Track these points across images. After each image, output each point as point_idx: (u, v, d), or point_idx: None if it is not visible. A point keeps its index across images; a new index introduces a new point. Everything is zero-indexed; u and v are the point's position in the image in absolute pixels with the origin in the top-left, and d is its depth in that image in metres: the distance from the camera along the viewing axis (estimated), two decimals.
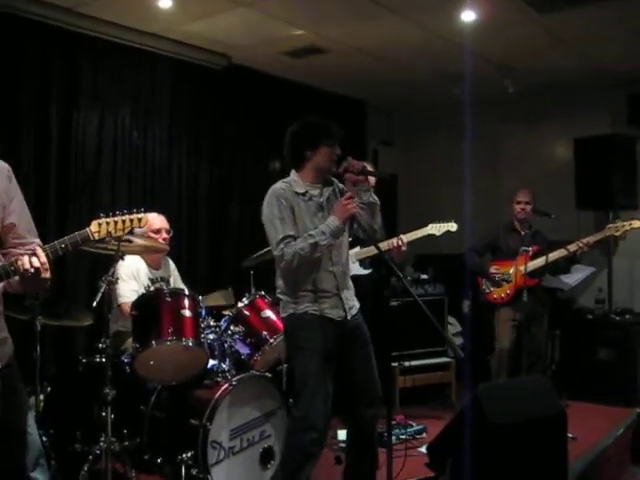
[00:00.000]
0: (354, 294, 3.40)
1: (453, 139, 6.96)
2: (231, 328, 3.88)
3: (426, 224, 4.50)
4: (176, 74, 5.61)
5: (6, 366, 2.31)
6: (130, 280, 3.98)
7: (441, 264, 6.38)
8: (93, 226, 2.28)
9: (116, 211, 2.36)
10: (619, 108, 6.35)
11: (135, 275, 4.03)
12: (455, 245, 5.24)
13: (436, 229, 4.48)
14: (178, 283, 4.29)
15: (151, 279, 4.12)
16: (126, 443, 3.55)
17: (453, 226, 4.50)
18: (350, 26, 5.10)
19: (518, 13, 4.77)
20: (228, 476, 3.49)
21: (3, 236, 2.32)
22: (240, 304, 3.97)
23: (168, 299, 3.64)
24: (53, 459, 3.44)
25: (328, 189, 3.33)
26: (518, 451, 3.30)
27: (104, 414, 3.27)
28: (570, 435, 3.82)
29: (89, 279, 4.81)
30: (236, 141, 6.15)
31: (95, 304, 3.36)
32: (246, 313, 3.95)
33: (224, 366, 3.76)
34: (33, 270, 2.14)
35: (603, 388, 5.53)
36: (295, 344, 3.25)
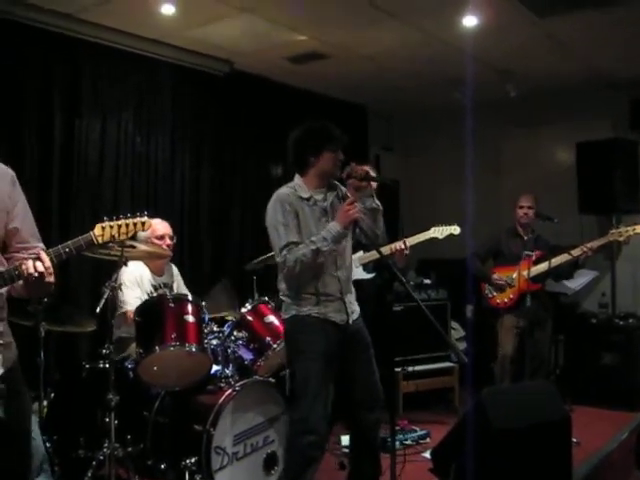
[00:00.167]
0: (356, 298, 3.40)
1: (454, 144, 6.96)
2: (234, 334, 3.89)
3: (428, 228, 4.50)
4: (178, 80, 5.62)
5: (10, 370, 2.31)
6: (133, 287, 3.99)
7: (444, 269, 6.37)
8: (97, 230, 2.28)
9: (119, 215, 2.37)
10: (621, 113, 6.35)
11: (138, 281, 4.04)
12: (458, 250, 5.23)
13: (439, 232, 4.47)
14: (181, 289, 4.28)
15: (154, 285, 4.12)
16: (129, 449, 3.55)
17: (456, 229, 4.48)
18: (352, 32, 5.11)
19: (519, 18, 4.78)
20: None
21: (7, 241, 2.32)
22: (243, 310, 3.98)
23: (171, 305, 3.64)
24: (57, 465, 3.44)
25: (332, 194, 3.33)
26: (522, 456, 3.29)
27: (107, 420, 3.28)
28: (574, 440, 3.81)
29: (92, 285, 4.81)
30: (238, 146, 6.16)
31: (98, 310, 3.36)
32: (249, 319, 3.96)
33: (227, 372, 3.76)
34: (37, 274, 2.15)
35: (607, 392, 5.52)
36: (296, 347, 3.25)
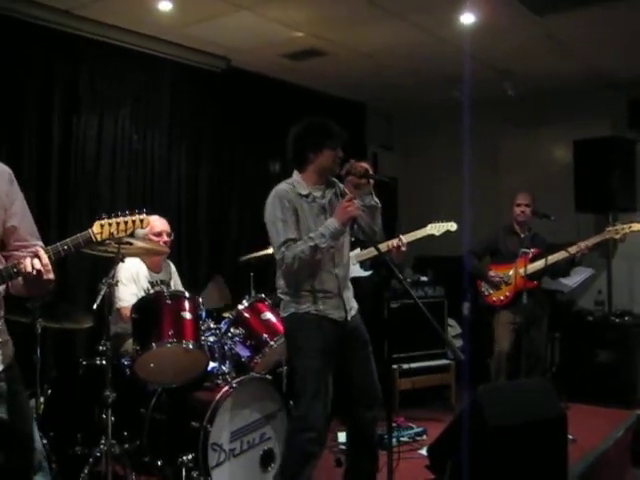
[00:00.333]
0: (353, 295, 3.40)
1: (452, 142, 6.96)
2: (231, 330, 3.88)
3: (425, 225, 4.50)
4: (176, 77, 5.61)
5: (9, 368, 2.31)
6: (130, 283, 3.99)
7: (441, 266, 6.38)
8: (95, 227, 2.28)
9: (117, 213, 2.37)
10: (619, 112, 6.36)
11: (135, 278, 4.04)
12: (455, 247, 5.23)
13: (436, 229, 4.47)
14: (179, 286, 4.28)
15: (151, 282, 4.12)
16: (126, 445, 3.56)
17: (453, 226, 4.49)
18: (350, 29, 5.11)
19: (518, 16, 4.78)
20: (229, 478, 3.48)
21: (5, 239, 2.32)
22: (240, 306, 3.97)
23: (168, 301, 3.64)
24: (53, 462, 3.43)
25: (330, 191, 3.33)
26: (518, 453, 3.30)
27: (104, 416, 3.28)
28: (570, 437, 3.83)
29: (89, 281, 4.81)
30: (236, 143, 6.16)
31: (95, 307, 3.36)
32: (246, 315, 3.95)
33: (224, 368, 3.76)
34: (35, 272, 2.15)
35: (603, 390, 5.54)
36: (295, 344, 3.25)
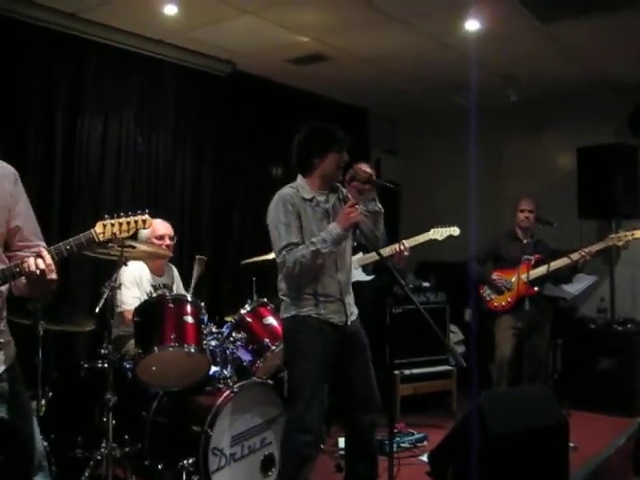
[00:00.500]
0: (355, 301, 3.40)
1: (456, 148, 6.98)
2: (233, 335, 3.89)
3: (428, 230, 4.49)
4: (180, 80, 5.62)
5: (11, 368, 2.32)
6: (132, 287, 3.99)
7: (443, 272, 6.37)
8: (98, 227, 2.29)
9: (119, 213, 2.37)
10: (623, 118, 6.34)
11: (138, 281, 4.04)
12: (457, 253, 5.23)
13: (438, 234, 4.47)
14: (180, 290, 4.29)
15: (153, 285, 4.13)
16: (127, 449, 3.55)
17: (455, 230, 4.48)
18: (354, 34, 5.11)
19: (522, 23, 4.78)
20: None
21: (9, 239, 2.33)
22: (242, 311, 3.97)
23: (171, 305, 3.64)
24: (54, 464, 3.43)
25: (334, 196, 3.34)
26: (519, 460, 3.30)
27: (105, 419, 3.28)
28: (572, 444, 3.82)
29: (91, 284, 4.81)
30: (240, 147, 6.16)
31: (98, 310, 3.36)
32: (248, 320, 3.95)
33: (226, 373, 3.77)
34: (39, 272, 2.15)
35: (605, 397, 5.52)
36: (295, 346, 3.25)
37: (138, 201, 5.26)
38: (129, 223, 2.34)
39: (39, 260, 2.17)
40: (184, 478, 3.43)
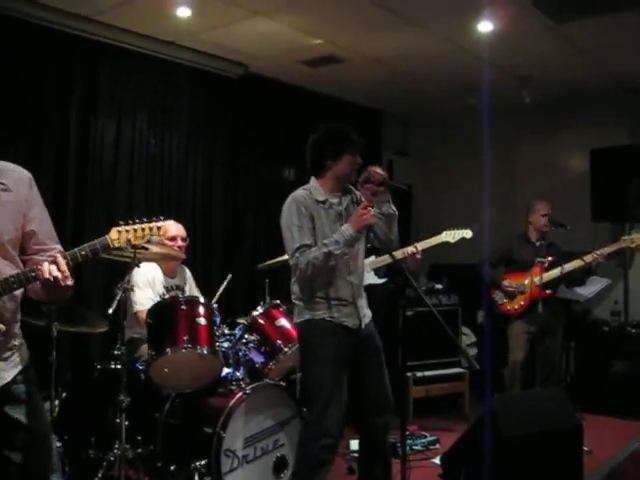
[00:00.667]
0: (367, 304, 3.40)
1: (468, 149, 6.95)
2: (246, 336, 3.89)
3: (440, 232, 4.48)
4: (193, 82, 5.63)
5: (25, 370, 2.33)
6: (146, 288, 4.01)
7: (455, 274, 6.35)
8: (113, 233, 2.29)
9: (133, 218, 2.37)
10: (637, 120, 6.31)
11: (151, 283, 4.06)
12: (470, 255, 5.21)
13: (451, 236, 4.46)
14: (194, 291, 4.30)
15: (166, 287, 4.14)
16: (140, 450, 3.57)
17: (468, 233, 4.47)
18: (367, 36, 5.11)
19: (535, 23, 4.76)
20: None
21: (24, 243, 2.33)
22: (255, 313, 3.98)
23: (183, 307, 3.66)
24: (67, 465, 3.45)
25: (347, 198, 3.33)
26: (532, 464, 3.29)
27: (118, 421, 3.29)
28: (585, 448, 3.80)
29: (105, 286, 4.82)
30: (252, 149, 6.17)
31: (111, 311, 3.37)
32: (261, 322, 3.96)
33: (238, 374, 3.77)
34: (53, 278, 2.16)
35: (619, 401, 5.48)
36: (310, 350, 3.25)
37: (151, 203, 5.29)
38: (144, 230, 2.33)
39: (52, 267, 2.16)
40: (196, 479, 3.43)
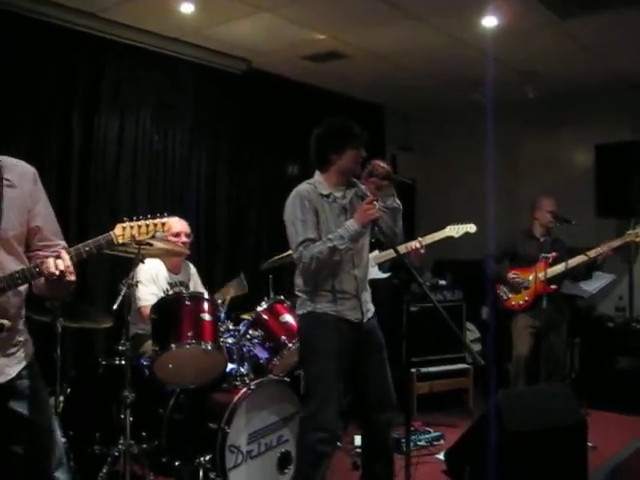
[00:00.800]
0: (371, 299, 3.39)
1: (472, 144, 6.93)
2: (250, 332, 3.89)
3: (444, 227, 4.47)
4: (197, 78, 5.63)
5: (29, 366, 2.34)
6: (150, 284, 4.01)
7: (460, 270, 6.35)
8: (117, 230, 2.29)
9: (137, 214, 2.37)
10: (639, 116, 6.28)
11: (155, 279, 4.06)
12: (474, 251, 5.20)
13: (454, 231, 4.45)
14: (198, 287, 4.30)
15: (170, 283, 4.14)
16: (144, 445, 3.57)
17: (472, 227, 4.46)
18: (370, 31, 5.09)
19: (539, 18, 4.75)
20: None
21: (29, 239, 2.34)
22: (259, 308, 3.98)
23: (188, 303, 3.66)
24: (72, 460, 3.46)
25: (351, 191, 3.32)
26: (537, 460, 3.28)
27: (123, 416, 3.29)
28: (590, 444, 3.79)
29: (109, 282, 4.82)
30: (255, 144, 6.17)
31: (115, 307, 3.37)
32: (265, 317, 3.96)
33: (242, 370, 3.77)
34: (58, 273, 2.17)
35: (623, 397, 5.46)
36: (311, 343, 3.25)
37: (154, 199, 5.28)
38: (148, 226, 2.34)
39: (58, 261, 2.18)
40: (201, 475, 3.44)
